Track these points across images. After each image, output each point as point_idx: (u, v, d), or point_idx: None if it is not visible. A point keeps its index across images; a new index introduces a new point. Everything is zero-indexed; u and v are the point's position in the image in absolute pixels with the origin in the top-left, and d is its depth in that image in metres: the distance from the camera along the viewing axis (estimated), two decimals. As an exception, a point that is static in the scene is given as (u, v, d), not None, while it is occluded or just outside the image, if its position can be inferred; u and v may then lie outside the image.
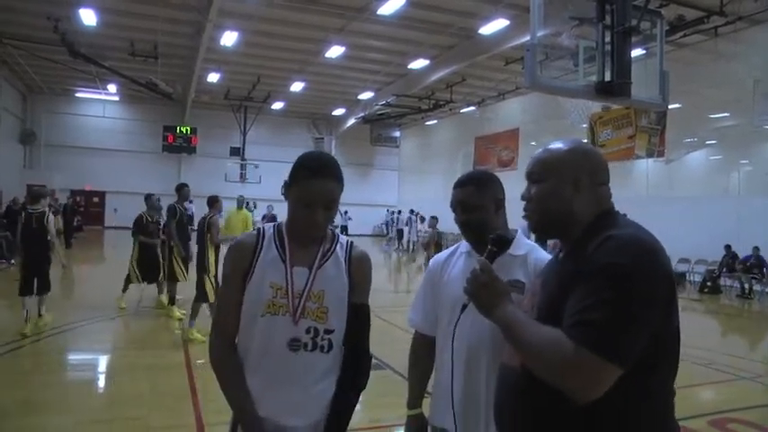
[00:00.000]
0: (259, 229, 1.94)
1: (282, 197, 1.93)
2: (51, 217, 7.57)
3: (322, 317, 1.84)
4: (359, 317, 1.91)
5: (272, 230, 1.92)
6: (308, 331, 1.82)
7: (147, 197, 9.64)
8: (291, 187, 1.83)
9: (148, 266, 9.03)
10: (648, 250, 1.37)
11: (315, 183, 1.78)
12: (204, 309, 7.35)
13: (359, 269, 1.94)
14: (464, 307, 1.71)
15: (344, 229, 27.91)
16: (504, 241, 1.77)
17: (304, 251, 1.89)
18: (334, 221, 1.94)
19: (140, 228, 9.13)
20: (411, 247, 25.76)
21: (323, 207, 1.80)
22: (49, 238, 7.37)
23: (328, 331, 1.85)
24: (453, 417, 2.04)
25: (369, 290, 1.99)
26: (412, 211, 26.66)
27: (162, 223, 9.32)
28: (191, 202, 8.98)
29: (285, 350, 1.81)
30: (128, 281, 9.04)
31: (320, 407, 1.84)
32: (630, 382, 1.33)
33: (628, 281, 1.31)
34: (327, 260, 1.90)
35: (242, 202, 11.45)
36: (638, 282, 1.32)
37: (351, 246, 1.97)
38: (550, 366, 1.35)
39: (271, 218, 23.62)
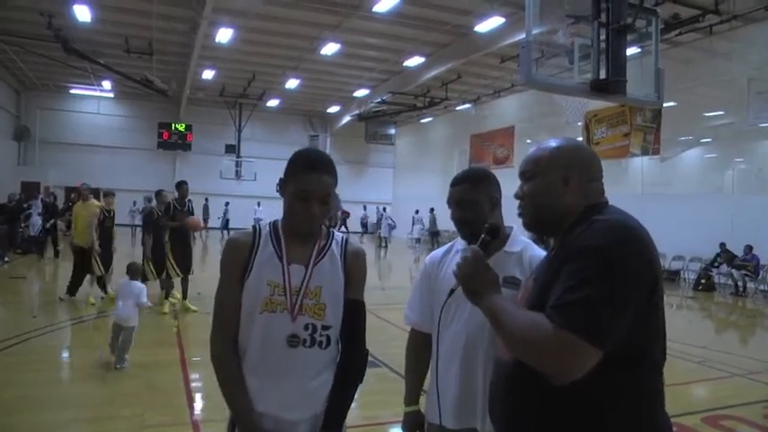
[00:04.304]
0: (255, 226, 1.97)
1: (277, 194, 1.95)
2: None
3: (320, 313, 1.86)
4: (355, 312, 1.94)
5: (268, 228, 1.95)
6: (306, 328, 1.85)
7: (158, 193, 9.53)
8: (288, 182, 1.86)
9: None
10: (632, 234, 1.39)
11: (311, 176, 1.82)
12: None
13: (354, 265, 1.96)
14: (451, 292, 1.72)
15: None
16: (497, 231, 1.77)
17: (300, 248, 1.91)
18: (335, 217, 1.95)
19: (152, 221, 9.00)
20: (385, 243, 26.13)
21: (319, 201, 1.83)
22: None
23: (326, 327, 1.87)
24: (439, 411, 2.07)
25: (364, 285, 2.01)
26: (384, 209, 28.44)
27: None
28: (189, 200, 8.92)
29: (284, 347, 1.83)
30: (167, 280, 8.87)
31: (318, 401, 1.87)
32: (619, 373, 1.34)
33: (609, 263, 1.32)
34: (323, 256, 1.92)
35: (87, 193, 9.52)
36: (620, 264, 1.32)
37: (346, 242, 2.00)
38: (530, 347, 1.36)
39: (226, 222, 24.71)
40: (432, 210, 25.26)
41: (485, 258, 1.61)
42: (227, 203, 28.33)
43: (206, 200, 27.32)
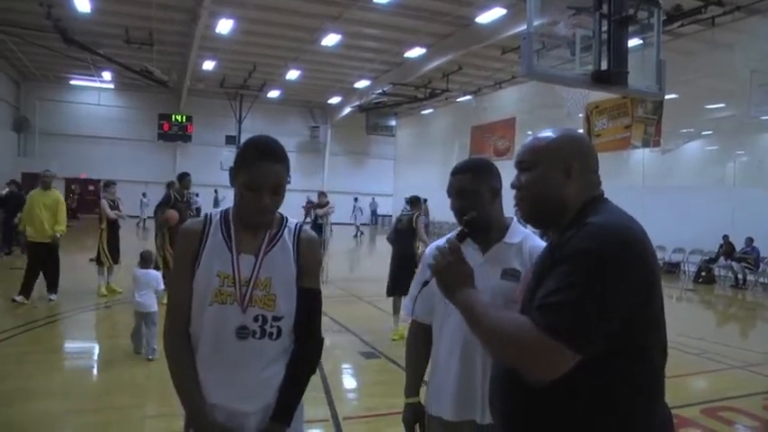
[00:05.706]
0: (207, 214, 1.92)
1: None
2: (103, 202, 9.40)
3: (270, 304, 1.83)
4: (308, 301, 1.90)
5: (218, 217, 1.90)
6: (256, 319, 1.81)
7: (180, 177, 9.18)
8: (238, 172, 1.80)
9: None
10: (622, 236, 1.36)
11: (261, 166, 1.76)
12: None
13: (307, 253, 1.91)
14: (425, 283, 1.72)
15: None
16: (474, 223, 1.78)
17: (250, 237, 1.86)
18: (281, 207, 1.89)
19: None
20: (358, 232, 27.56)
21: (270, 191, 1.78)
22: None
23: (277, 318, 1.83)
24: (439, 403, 2.07)
25: (318, 273, 1.97)
26: (356, 200, 29.91)
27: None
28: (197, 194, 8.85)
29: (233, 338, 1.80)
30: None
31: (270, 391, 1.84)
32: (614, 372, 1.33)
33: (601, 264, 1.30)
34: (274, 246, 1.87)
35: (50, 181, 8.81)
36: (613, 265, 1.30)
37: (299, 229, 1.94)
38: (508, 346, 1.36)
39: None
40: (425, 200, 25.33)
41: (461, 251, 1.59)
42: (195, 194, 27.44)
43: (215, 191, 27.46)
